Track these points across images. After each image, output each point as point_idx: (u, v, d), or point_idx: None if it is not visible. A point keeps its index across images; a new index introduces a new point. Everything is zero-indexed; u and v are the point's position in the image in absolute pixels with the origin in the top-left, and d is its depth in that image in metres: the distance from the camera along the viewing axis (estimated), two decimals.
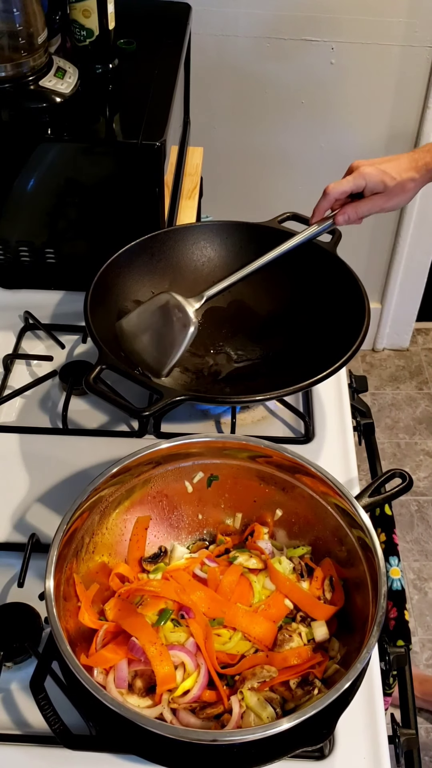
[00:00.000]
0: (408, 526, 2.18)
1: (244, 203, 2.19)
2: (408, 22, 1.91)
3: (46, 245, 1.33)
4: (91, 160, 1.24)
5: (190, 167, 1.64)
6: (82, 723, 0.84)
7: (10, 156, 1.22)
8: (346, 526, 0.89)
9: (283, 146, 2.12)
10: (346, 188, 1.10)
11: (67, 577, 0.84)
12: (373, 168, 1.09)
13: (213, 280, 1.23)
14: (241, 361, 1.20)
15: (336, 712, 0.75)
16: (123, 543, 0.94)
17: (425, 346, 2.68)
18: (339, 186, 1.10)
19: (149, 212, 1.27)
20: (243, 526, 0.99)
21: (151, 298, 1.12)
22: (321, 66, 1.98)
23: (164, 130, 1.21)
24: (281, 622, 0.88)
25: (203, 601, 0.88)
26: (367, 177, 1.09)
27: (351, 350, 1.03)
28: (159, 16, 1.49)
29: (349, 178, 1.10)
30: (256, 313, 1.24)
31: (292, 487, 0.95)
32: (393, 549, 1.11)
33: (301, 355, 1.15)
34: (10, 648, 0.90)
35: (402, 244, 2.34)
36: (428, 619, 1.99)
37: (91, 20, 1.27)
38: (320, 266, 1.19)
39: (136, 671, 0.83)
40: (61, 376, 1.23)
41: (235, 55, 1.97)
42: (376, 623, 0.78)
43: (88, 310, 1.07)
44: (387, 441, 2.38)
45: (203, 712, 0.81)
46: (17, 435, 1.15)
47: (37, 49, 1.20)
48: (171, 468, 0.96)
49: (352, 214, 1.12)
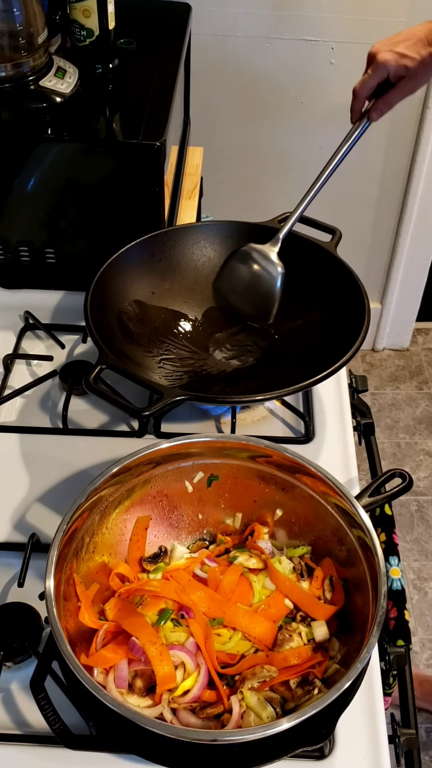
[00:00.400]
0: (408, 526, 2.18)
1: (244, 203, 2.19)
2: (408, 22, 1.90)
3: (46, 245, 1.33)
4: (91, 160, 1.24)
5: (190, 167, 1.64)
6: (82, 723, 0.84)
7: (10, 156, 1.22)
8: (346, 526, 0.89)
9: (283, 146, 2.12)
10: (371, 83, 1.11)
11: (67, 577, 0.84)
12: (391, 54, 1.08)
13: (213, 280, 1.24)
14: (241, 361, 1.20)
15: (336, 712, 0.75)
16: (123, 543, 0.94)
17: (425, 346, 2.68)
18: (365, 84, 1.11)
19: (149, 212, 1.27)
20: (243, 526, 0.99)
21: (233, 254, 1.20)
22: (321, 66, 1.98)
23: (164, 130, 1.21)
24: (281, 622, 0.88)
25: (203, 601, 0.88)
26: (388, 65, 1.09)
27: (351, 350, 1.03)
28: (159, 16, 1.49)
29: (371, 73, 1.10)
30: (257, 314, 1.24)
31: (292, 487, 0.95)
32: (393, 549, 1.11)
33: (301, 355, 1.15)
34: (10, 648, 0.90)
35: (402, 244, 2.34)
36: (428, 619, 1.99)
37: (91, 20, 1.27)
38: (320, 266, 1.19)
39: (136, 671, 0.83)
40: (61, 376, 1.23)
41: (235, 55, 1.97)
42: (376, 623, 0.78)
43: (88, 310, 1.07)
44: (387, 441, 2.38)
45: (203, 712, 0.81)
46: (17, 435, 1.15)
47: (37, 49, 1.20)
48: (171, 468, 0.96)
49: (384, 108, 1.13)
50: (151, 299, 1.21)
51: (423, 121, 2.07)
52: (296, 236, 1.21)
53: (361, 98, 1.13)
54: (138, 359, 1.13)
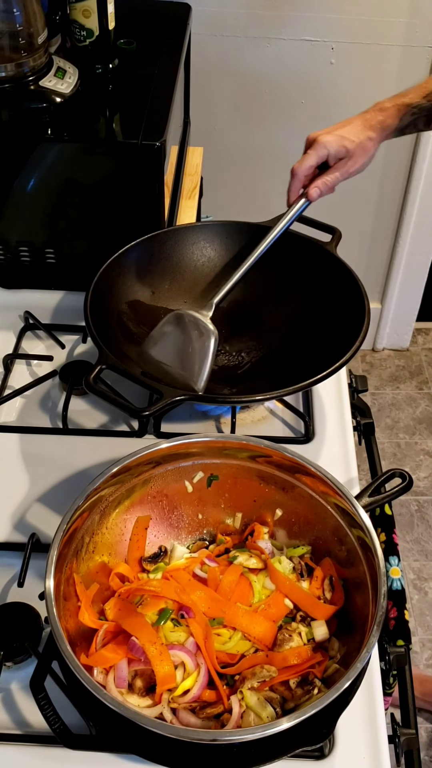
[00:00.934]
0: (408, 526, 2.18)
1: (244, 203, 2.19)
2: (408, 22, 1.91)
3: (46, 245, 1.33)
4: (91, 160, 1.24)
5: (190, 167, 1.64)
6: (82, 723, 0.84)
7: (10, 156, 1.22)
8: (346, 526, 0.89)
9: (283, 146, 2.12)
10: (311, 162, 1.11)
11: (67, 576, 0.84)
12: (331, 135, 1.10)
13: (213, 280, 1.24)
14: (241, 361, 1.20)
15: (336, 712, 0.75)
16: (123, 543, 0.94)
17: (425, 346, 2.68)
18: (304, 162, 1.12)
19: (149, 212, 1.27)
20: (243, 526, 0.99)
21: (163, 321, 1.12)
22: (321, 66, 1.98)
23: (164, 130, 1.21)
24: (281, 622, 0.88)
25: (203, 600, 0.88)
26: (328, 145, 1.10)
27: (351, 350, 1.03)
28: (159, 16, 1.49)
29: (311, 152, 1.11)
30: (256, 314, 1.24)
31: (292, 487, 0.95)
32: (393, 549, 1.11)
33: (301, 355, 1.15)
34: (10, 648, 0.90)
35: (402, 244, 2.34)
36: (428, 619, 1.99)
37: (91, 20, 1.27)
38: (320, 266, 1.19)
39: (136, 671, 0.83)
40: (61, 376, 1.23)
41: (235, 55, 1.97)
42: (376, 623, 0.78)
43: (88, 310, 1.07)
44: (387, 441, 2.38)
45: (203, 712, 0.81)
46: (17, 435, 1.15)
47: (37, 49, 1.20)
48: (171, 468, 0.96)
49: (322, 187, 1.13)
50: (151, 299, 1.21)
51: None
52: (296, 236, 1.21)
53: (299, 177, 1.13)
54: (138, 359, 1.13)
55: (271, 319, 1.23)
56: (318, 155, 1.11)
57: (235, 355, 1.20)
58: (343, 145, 1.10)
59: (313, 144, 1.12)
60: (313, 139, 1.12)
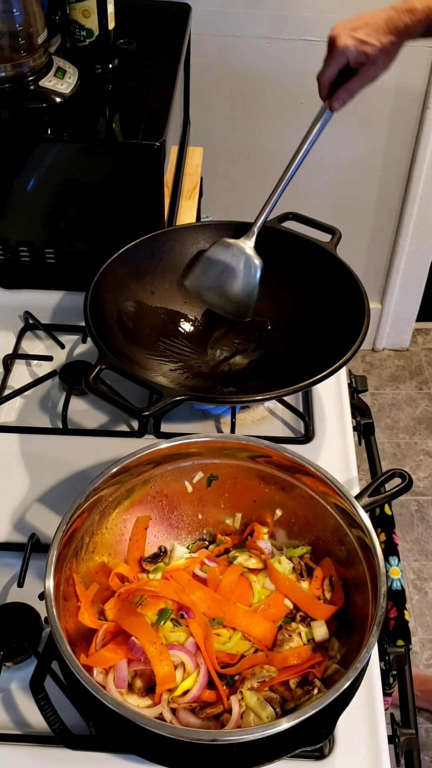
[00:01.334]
0: (408, 526, 2.18)
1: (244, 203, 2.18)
2: None
3: (46, 245, 1.33)
4: (91, 160, 1.24)
5: (190, 167, 1.64)
6: (82, 723, 0.84)
7: (10, 156, 1.22)
8: (346, 526, 0.89)
9: (283, 146, 2.11)
10: (333, 70, 1.10)
11: (67, 577, 0.84)
12: (352, 40, 1.07)
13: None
14: (241, 361, 1.20)
15: (336, 712, 0.75)
16: (123, 543, 0.94)
17: (425, 346, 2.68)
18: (326, 71, 1.11)
19: (149, 212, 1.27)
20: (243, 526, 0.99)
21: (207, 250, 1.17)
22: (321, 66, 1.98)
23: (164, 130, 1.21)
24: (281, 622, 0.88)
25: (203, 600, 0.88)
26: (347, 51, 1.07)
27: (351, 350, 1.03)
28: (159, 16, 1.49)
29: (330, 61, 1.09)
30: (256, 313, 1.24)
31: (292, 487, 0.95)
32: (393, 549, 1.11)
33: (301, 355, 1.15)
34: (10, 648, 0.90)
35: (402, 244, 2.34)
36: (428, 619, 1.99)
37: (91, 20, 1.27)
38: (320, 266, 1.19)
39: (136, 671, 0.83)
40: (61, 376, 1.23)
41: (235, 55, 1.97)
42: (376, 623, 0.78)
43: (88, 310, 1.07)
44: (387, 441, 2.38)
45: (203, 712, 0.81)
46: (17, 435, 1.15)
47: (37, 49, 1.20)
48: (171, 468, 0.96)
49: (345, 96, 1.12)
50: (151, 299, 1.21)
51: (423, 121, 2.07)
52: (296, 236, 1.21)
53: (325, 85, 1.12)
54: (138, 359, 1.13)
55: (271, 319, 1.23)
56: (338, 62, 1.09)
57: (235, 355, 1.20)
58: (363, 51, 1.06)
59: (332, 49, 1.09)
60: (333, 39, 1.08)
